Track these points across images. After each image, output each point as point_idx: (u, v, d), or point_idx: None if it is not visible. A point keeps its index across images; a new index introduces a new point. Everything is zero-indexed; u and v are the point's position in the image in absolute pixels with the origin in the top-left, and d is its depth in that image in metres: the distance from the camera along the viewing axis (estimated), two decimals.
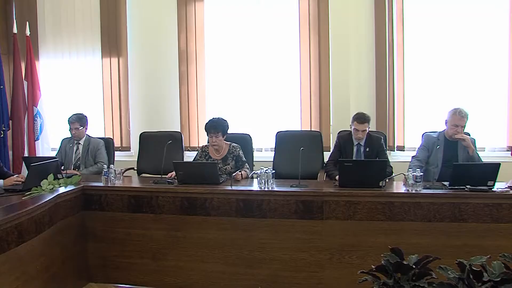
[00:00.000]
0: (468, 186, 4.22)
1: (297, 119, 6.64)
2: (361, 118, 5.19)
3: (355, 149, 5.33)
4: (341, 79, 6.49)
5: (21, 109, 6.94)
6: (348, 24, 6.45)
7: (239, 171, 5.14)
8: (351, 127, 5.30)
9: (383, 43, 6.36)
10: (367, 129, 5.23)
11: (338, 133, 5.77)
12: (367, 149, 5.29)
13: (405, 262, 2.67)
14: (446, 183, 4.46)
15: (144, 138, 6.40)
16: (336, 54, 6.49)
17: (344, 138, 5.42)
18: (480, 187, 4.20)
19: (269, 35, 6.69)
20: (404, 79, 6.36)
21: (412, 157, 5.21)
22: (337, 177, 4.69)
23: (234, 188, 4.62)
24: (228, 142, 5.39)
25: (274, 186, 4.56)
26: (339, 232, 4.33)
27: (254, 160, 5.89)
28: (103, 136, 6.64)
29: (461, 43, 6.21)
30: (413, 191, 4.27)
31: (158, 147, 5.75)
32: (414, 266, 2.65)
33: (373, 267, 2.75)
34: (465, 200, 4.14)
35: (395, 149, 6.40)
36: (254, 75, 6.77)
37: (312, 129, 6.48)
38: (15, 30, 6.98)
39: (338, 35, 6.48)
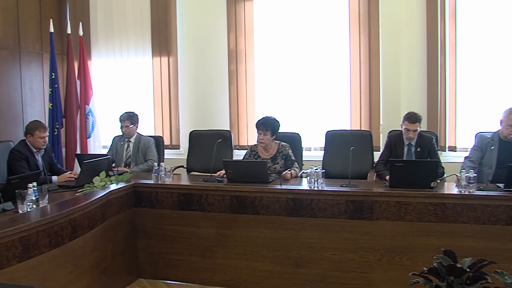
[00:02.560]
0: None
1: (346, 119, 6.58)
2: (412, 118, 5.09)
3: (405, 149, 5.24)
4: (391, 77, 6.40)
5: (74, 108, 7.09)
6: (399, 21, 6.35)
7: (289, 170, 5.13)
8: (402, 127, 5.21)
9: (435, 40, 6.23)
10: (418, 129, 5.13)
11: (389, 133, 5.70)
12: (418, 149, 5.19)
13: (458, 265, 2.62)
14: (501, 185, 4.35)
15: (194, 136, 6.42)
16: (387, 52, 6.40)
17: (395, 138, 5.34)
18: None
19: (318, 33, 6.65)
20: (456, 78, 6.21)
21: (465, 157, 5.11)
22: (387, 177, 4.64)
23: (283, 187, 4.62)
24: (278, 141, 5.39)
25: (323, 186, 4.54)
26: (389, 233, 4.29)
27: (303, 159, 5.86)
28: (153, 134, 6.73)
29: None
30: (466, 193, 4.19)
31: (208, 145, 5.81)
32: (468, 270, 2.60)
33: (425, 269, 2.71)
34: None
35: (447, 149, 6.26)
36: (303, 74, 6.74)
37: (362, 129, 6.42)
38: (68, 31, 7.14)
39: (389, 33, 6.38)
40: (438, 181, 4.51)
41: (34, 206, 3.93)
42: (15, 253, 3.44)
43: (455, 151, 6.23)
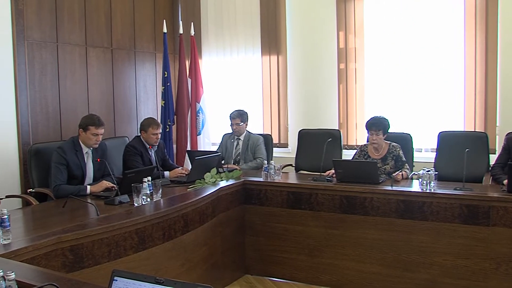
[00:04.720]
0: None
1: (460, 119, 6.31)
2: None
3: None
4: (510, 75, 6.03)
5: (185, 105, 7.28)
6: None
7: (399, 171, 5.02)
8: None
9: None
10: None
11: (507, 135, 5.39)
12: None
13: None
14: None
15: (303, 135, 6.41)
16: (505, 48, 6.01)
17: None
18: None
19: (431, 31, 6.40)
20: None
21: None
22: (505, 182, 4.42)
23: (394, 188, 4.53)
24: (388, 142, 5.28)
25: (436, 188, 4.41)
26: (508, 241, 4.08)
27: (414, 160, 5.71)
28: (262, 132, 6.80)
29: None
30: None
31: (317, 144, 5.80)
32: None
33: None
34: None
35: None
36: (414, 72, 6.52)
37: (477, 130, 6.14)
38: (181, 31, 7.37)
39: (508, 28, 6.01)
40: None
41: (148, 199, 4.13)
42: (132, 243, 3.62)
43: None
